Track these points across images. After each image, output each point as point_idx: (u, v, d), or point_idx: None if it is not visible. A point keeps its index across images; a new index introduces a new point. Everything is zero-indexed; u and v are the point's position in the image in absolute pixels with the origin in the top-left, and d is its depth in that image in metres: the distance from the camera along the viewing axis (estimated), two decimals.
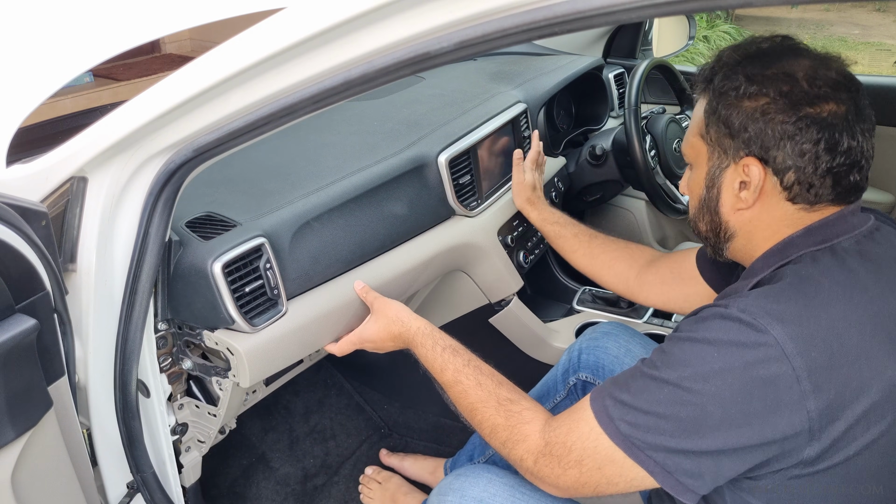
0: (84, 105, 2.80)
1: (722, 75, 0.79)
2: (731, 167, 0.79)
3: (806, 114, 0.72)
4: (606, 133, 1.77)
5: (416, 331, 1.03)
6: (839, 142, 0.73)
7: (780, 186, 0.76)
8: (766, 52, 0.77)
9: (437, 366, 0.98)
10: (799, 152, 0.73)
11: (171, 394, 1.10)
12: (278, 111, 0.72)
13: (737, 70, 0.77)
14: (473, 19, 0.58)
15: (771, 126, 0.74)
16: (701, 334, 0.70)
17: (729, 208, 0.82)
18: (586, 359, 1.24)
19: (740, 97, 0.76)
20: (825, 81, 0.73)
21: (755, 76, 0.75)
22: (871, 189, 1.90)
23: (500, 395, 0.90)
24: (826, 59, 0.76)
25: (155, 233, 0.85)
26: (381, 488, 1.56)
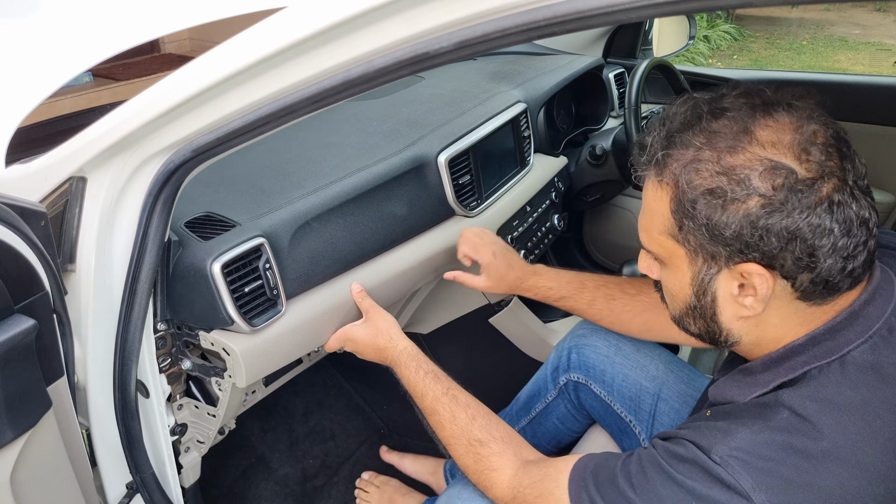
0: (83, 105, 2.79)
1: (687, 167, 0.64)
2: (723, 272, 0.66)
3: (812, 205, 0.59)
4: (606, 133, 1.77)
5: (402, 351, 1.02)
6: (851, 222, 0.60)
7: (790, 289, 0.63)
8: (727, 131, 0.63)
9: (418, 390, 0.98)
10: (809, 252, 0.60)
11: (171, 394, 1.10)
12: (278, 111, 0.72)
13: (705, 160, 0.63)
14: (473, 19, 0.58)
15: (772, 231, 0.60)
16: (681, 477, 0.63)
17: (730, 317, 0.69)
18: (576, 359, 1.23)
19: (722, 206, 0.62)
20: (817, 155, 0.60)
21: (731, 174, 0.61)
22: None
23: (471, 434, 0.90)
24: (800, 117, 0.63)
25: (154, 233, 0.85)
26: (379, 491, 1.55)
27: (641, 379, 1.14)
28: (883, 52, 7.24)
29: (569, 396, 1.27)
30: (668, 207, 0.66)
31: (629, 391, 1.15)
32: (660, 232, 0.69)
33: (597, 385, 1.20)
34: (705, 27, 7.41)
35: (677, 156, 0.65)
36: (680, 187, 0.64)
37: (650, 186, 0.69)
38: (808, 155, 0.60)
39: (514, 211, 1.46)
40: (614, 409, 1.17)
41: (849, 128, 0.66)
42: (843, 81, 1.91)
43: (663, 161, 0.66)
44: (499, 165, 1.44)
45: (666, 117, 0.68)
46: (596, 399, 1.21)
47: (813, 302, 0.64)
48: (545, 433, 1.33)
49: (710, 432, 0.64)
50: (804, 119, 0.62)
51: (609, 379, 1.18)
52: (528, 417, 1.34)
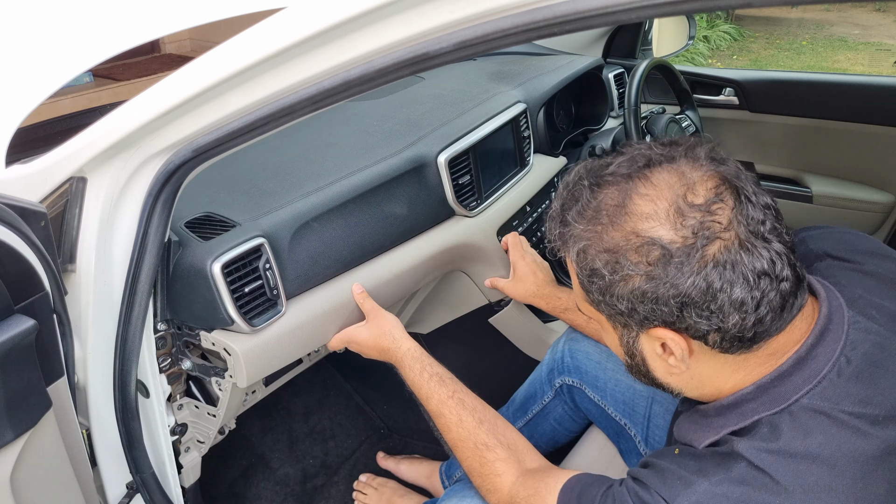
0: (83, 105, 2.80)
1: (576, 253, 0.66)
2: (641, 336, 0.68)
3: (693, 272, 0.59)
4: (606, 133, 1.77)
5: (406, 352, 1.03)
6: (746, 276, 0.59)
7: (706, 346, 0.64)
8: (605, 203, 0.64)
9: (423, 393, 0.99)
10: (707, 314, 0.60)
11: (171, 394, 1.10)
12: (278, 111, 0.72)
13: (589, 239, 0.64)
14: (473, 19, 0.58)
15: (660, 303, 0.61)
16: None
17: (663, 373, 0.71)
18: (570, 362, 1.24)
19: (610, 284, 0.63)
20: (694, 219, 0.59)
21: (612, 251, 0.62)
22: (871, 189, 1.90)
23: (478, 438, 0.91)
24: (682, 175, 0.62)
25: (154, 233, 0.85)
26: (377, 493, 1.55)
27: (635, 383, 1.14)
28: (883, 52, 7.24)
29: (564, 398, 1.27)
30: (577, 280, 0.70)
31: (622, 395, 1.15)
32: (581, 300, 0.72)
33: (590, 389, 1.20)
34: (705, 27, 7.40)
35: (568, 235, 0.68)
36: (578, 265, 0.67)
37: (567, 259, 0.71)
38: (684, 220, 0.59)
39: (514, 211, 1.46)
40: (608, 412, 1.18)
41: (849, 128, 0.66)
42: (843, 81, 1.91)
43: (560, 239, 0.69)
44: (499, 165, 1.44)
45: (562, 188, 0.70)
46: (590, 402, 1.21)
47: (739, 353, 0.64)
48: (542, 434, 1.33)
49: (672, 481, 0.65)
50: (686, 172, 0.62)
51: (602, 384, 1.18)
52: (525, 419, 1.34)
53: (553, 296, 1.25)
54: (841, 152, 1.91)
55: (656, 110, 1.85)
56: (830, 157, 1.93)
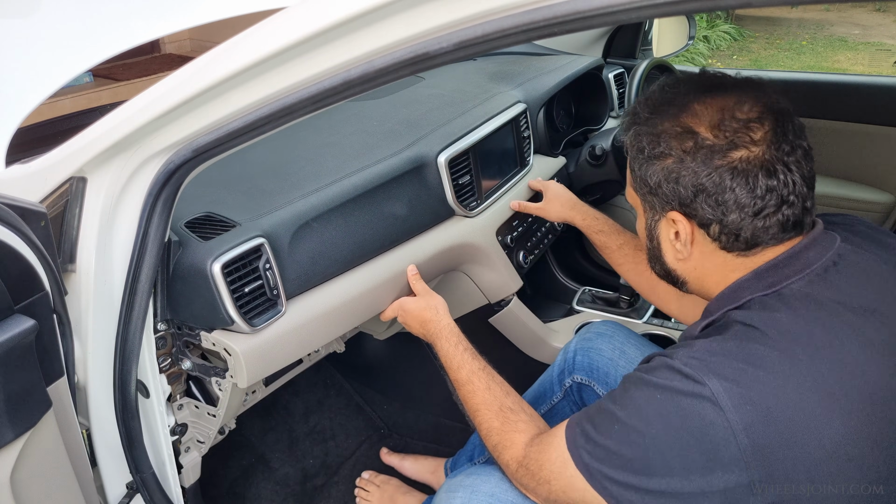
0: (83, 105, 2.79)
1: (633, 133, 0.79)
2: (662, 220, 0.80)
3: (714, 166, 0.71)
4: (606, 133, 1.77)
5: (445, 325, 1.10)
6: (755, 185, 0.71)
7: (708, 238, 0.76)
8: (673, 101, 0.76)
9: (455, 363, 1.03)
10: (714, 204, 0.72)
11: (171, 394, 1.10)
12: (278, 111, 0.72)
13: (643, 129, 0.77)
14: (473, 19, 0.58)
15: (681, 184, 0.74)
16: (649, 378, 0.72)
17: (671, 258, 0.83)
18: (581, 360, 1.24)
19: (648, 158, 0.77)
20: (732, 127, 0.71)
21: (659, 134, 0.75)
22: (870, 189, 1.90)
23: (504, 402, 0.95)
24: (740, 98, 0.73)
25: (154, 233, 0.85)
26: (380, 491, 1.55)
27: None
28: (883, 52, 7.24)
29: (574, 398, 1.27)
30: (628, 163, 0.82)
31: None
32: (629, 184, 0.85)
33: (600, 386, 1.21)
34: (705, 27, 7.41)
35: (632, 120, 0.80)
36: (629, 143, 0.80)
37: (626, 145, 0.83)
38: (722, 125, 0.71)
39: (514, 211, 1.46)
40: None
41: (849, 128, 0.69)
42: (842, 81, 1.91)
43: (625, 123, 0.82)
44: (498, 166, 1.44)
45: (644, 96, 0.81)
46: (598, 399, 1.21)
47: (738, 253, 0.75)
48: None
49: (675, 349, 0.74)
50: (742, 100, 0.72)
51: (612, 381, 1.19)
52: None
53: (589, 213, 1.36)
54: (841, 152, 1.90)
55: None
56: (830, 157, 1.93)
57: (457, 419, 1.79)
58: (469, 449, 1.43)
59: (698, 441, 0.66)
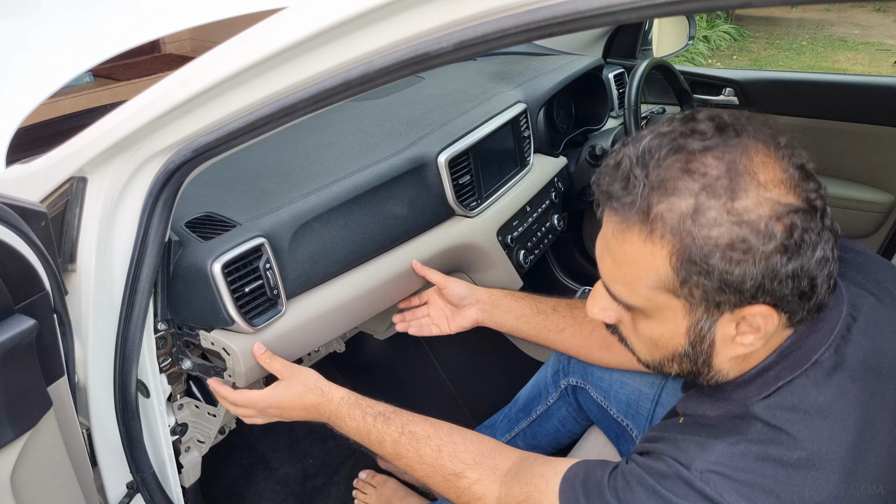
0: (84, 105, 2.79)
1: (690, 218, 0.58)
2: (724, 316, 0.63)
3: (817, 239, 0.59)
4: (606, 133, 1.77)
5: (340, 401, 0.94)
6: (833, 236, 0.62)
7: (786, 320, 0.63)
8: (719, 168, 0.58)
9: (373, 438, 0.92)
10: (812, 283, 0.60)
11: (171, 394, 1.10)
12: (278, 111, 0.72)
13: (711, 208, 0.57)
14: (473, 19, 0.58)
15: (791, 274, 0.58)
16: (666, 492, 0.63)
17: (724, 357, 0.67)
18: (576, 362, 1.24)
19: (746, 253, 0.58)
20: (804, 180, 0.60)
21: (748, 218, 0.57)
22: (870, 189, 1.90)
23: (444, 469, 0.85)
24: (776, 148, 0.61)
25: (154, 233, 0.85)
26: (377, 492, 1.55)
27: (640, 385, 1.14)
28: (883, 52, 7.24)
29: (569, 399, 1.27)
30: (666, 262, 0.60)
31: (626, 397, 1.15)
32: (651, 287, 0.63)
33: (594, 390, 1.20)
34: (705, 27, 7.40)
35: (670, 205, 0.59)
36: (684, 241, 0.58)
37: (635, 239, 0.61)
38: (802, 186, 0.59)
39: (514, 211, 1.46)
40: (611, 413, 1.18)
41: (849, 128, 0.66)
42: (843, 81, 1.91)
43: (652, 211, 0.59)
44: (499, 165, 1.44)
45: (641, 154, 0.61)
46: (593, 403, 1.21)
47: (799, 325, 0.65)
48: (545, 435, 1.33)
49: (687, 447, 0.65)
50: (773, 145, 0.61)
51: (606, 385, 1.18)
52: (529, 419, 1.34)
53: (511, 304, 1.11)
54: (841, 152, 1.90)
55: (656, 110, 1.85)
56: (830, 157, 1.93)
57: (457, 419, 1.79)
58: None
59: None
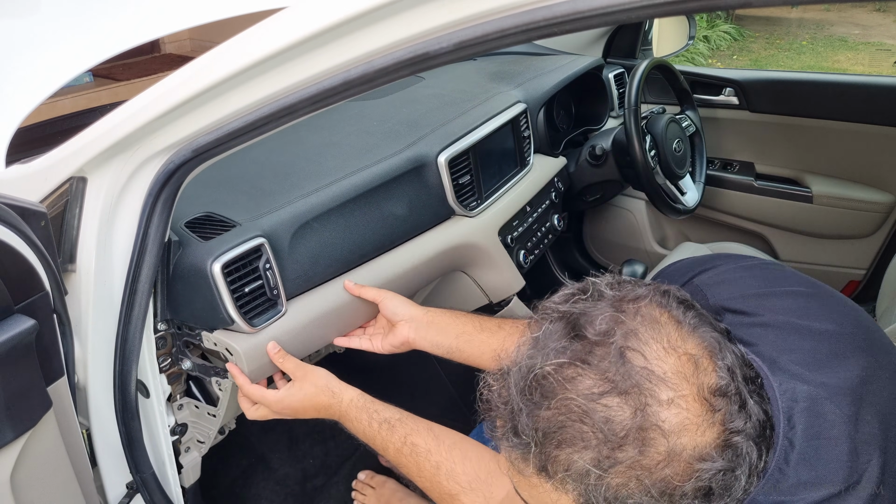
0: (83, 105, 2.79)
1: (593, 474, 0.53)
2: None
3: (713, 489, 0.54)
4: (606, 133, 1.77)
5: (350, 403, 0.95)
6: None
7: None
8: (622, 410, 0.53)
9: (377, 443, 0.92)
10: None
11: (171, 394, 1.10)
12: (278, 111, 0.72)
13: (621, 465, 0.53)
14: (473, 19, 0.58)
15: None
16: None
17: None
18: None
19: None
20: (722, 404, 0.54)
21: (666, 484, 0.53)
22: (871, 189, 1.90)
23: (440, 487, 0.85)
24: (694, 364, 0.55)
25: (154, 233, 0.85)
26: (376, 493, 1.55)
27: None
28: (883, 52, 7.23)
29: None
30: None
31: None
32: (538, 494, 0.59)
33: None
34: (705, 27, 7.40)
35: (565, 456, 0.54)
36: (588, 496, 0.54)
37: (533, 483, 0.57)
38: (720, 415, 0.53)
39: (515, 211, 1.46)
40: None
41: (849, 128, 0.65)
42: (843, 81, 1.91)
43: (547, 462, 0.55)
44: (499, 165, 1.44)
45: (526, 387, 0.55)
46: None
47: None
48: None
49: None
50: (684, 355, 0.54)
51: None
52: None
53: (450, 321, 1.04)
54: (841, 152, 1.90)
55: (656, 110, 1.85)
56: (830, 157, 1.93)
57: (457, 419, 1.78)
58: None
59: None
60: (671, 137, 1.67)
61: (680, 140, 1.71)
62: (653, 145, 1.65)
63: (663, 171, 1.67)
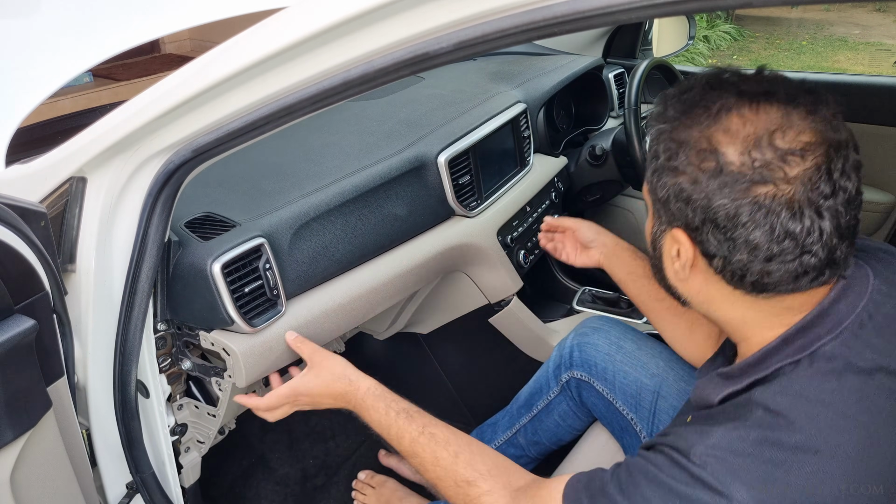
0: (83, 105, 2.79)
1: (655, 132, 0.69)
2: (667, 233, 0.70)
3: (732, 198, 0.61)
4: (606, 133, 1.77)
5: (366, 392, 0.95)
6: (774, 228, 0.61)
7: (711, 269, 0.67)
8: (708, 107, 0.64)
9: (392, 433, 0.92)
10: (721, 238, 0.63)
11: (171, 394, 1.10)
12: (278, 111, 0.72)
13: (665, 131, 0.67)
14: (473, 19, 0.58)
15: (690, 208, 0.64)
16: (666, 478, 0.64)
17: (672, 275, 0.74)
18: (578, 356, 1.24)
19: (663, 168, 0.67)
20: (766, 157, 0.60)
21: (680, 144, 0.65)
22: (870, 189, 1.90)
23: (457, 475, 0.85)
24: (789, 119, 0.61)
25: (154, 233, 0.85)
26: (376, 493, 1.55)
27: (642, 376, 1.15)
28: (883, 52, 7.23)
29: (571, 394, 1.27)
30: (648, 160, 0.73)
31: (630, 389, 1.15)
32: (645, 181, 0.75)
33: (599, 382, 1.20)
34: (705, 27, 7.40)
35: (659, 113, 0.70)
36: (649, 139, 0.71)
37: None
38: (755, 154, 0.60)
39: (515, 211, 1.46)
40: (616, 406, 1.18)
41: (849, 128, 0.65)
42: (843, 81, 1.91)
43: (653, 117, 0.71)
44: (499, 165, 1.44)
45: (687, 79, 0.71)
46: (598, 396, 1.21)
47: (743, 292, 0.67)
48: (546, 430, 1.33)
49: (688, 435, 0.66)
50: (791, 123, 0.61)
51: (611, 377, 1.18)
52: (530, 415, 1.34)
53: (628, 259, 1.16)
54: None
55: None
56: None
57: (457, 419, 1.79)
58: None
59: None
60: None
61: None
62: None
63: None
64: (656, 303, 1.12)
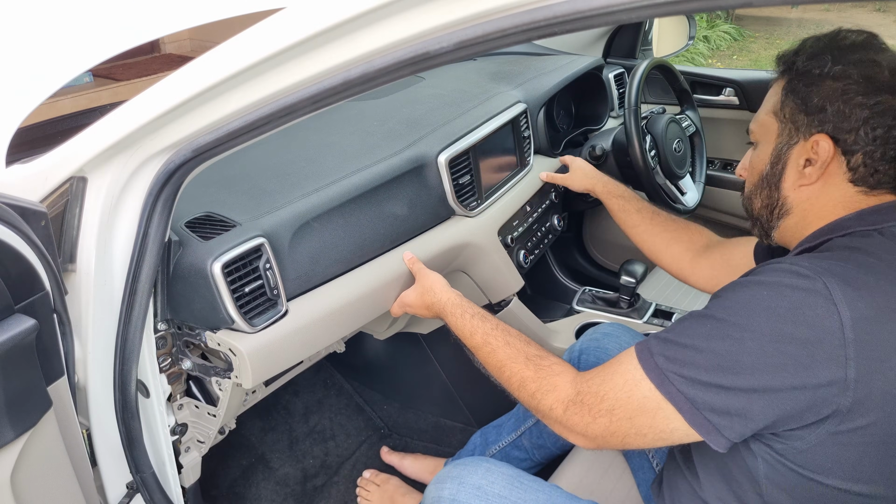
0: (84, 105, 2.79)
1: (806, 56, 0.81)
2: (800, 143, 0.82)
3: (885, 100, 0.75)
4: (606, 133, 1.77)
5: (447, 301, 1.09)
6: None
7: (845, 167, 0.78)
8: (853, 42, 0.79)
9: (466, 331, 1.03)
10: (871, 136, 0.75)
11: (171, 394, 1.10)
12: (278, 111, 0.72)
13: (823, 52, 0.79)
14: (473, 19, 0.58)
15: (849, 107, 0.76)
16: (754, 279, 0.72)
17: (791, 184, 0.84)
18: (587, 359, 1.24)
19: (823, 76, 0.78)
20: None
21: (841, 58, 0.78)
22: None
23: (528, 352, 0.94)
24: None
25: (154, 233, 0.85)
26: (380, 490, 1.56)
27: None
28: None
29: None
30: (780, 88, 0.84)
31: None
32: (766, 111, 0.87)
33: None
34: (705, 27, 7.40)
35: (804, 55, 0.81)
36: (795, 70, 0.82)
37: (775, 85, 0.87)
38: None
39: (514, 211, 1.46)
40: None
41: None
42: None
43: (791, 58, 0.83)
44: (499, 165, 1.44)
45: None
46: None
47: (860, 189, 0.78)
48: (551, 434, 1.33)
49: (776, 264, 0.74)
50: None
51: None
52: (535, 419, 1.34)
53: (609, 182, 1.44)
54: None
55: (656, 110, 1.85)
56: None
57: (457, 419, 1.79)
58: (469, 449, 1.43)
59: (804, 333, 0.66)
60: (671, 137, 1.67)
61: (680, 140, 1.71)
62: (653, 145, 1.65)
63: (663, 171, 1.67)
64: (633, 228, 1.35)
